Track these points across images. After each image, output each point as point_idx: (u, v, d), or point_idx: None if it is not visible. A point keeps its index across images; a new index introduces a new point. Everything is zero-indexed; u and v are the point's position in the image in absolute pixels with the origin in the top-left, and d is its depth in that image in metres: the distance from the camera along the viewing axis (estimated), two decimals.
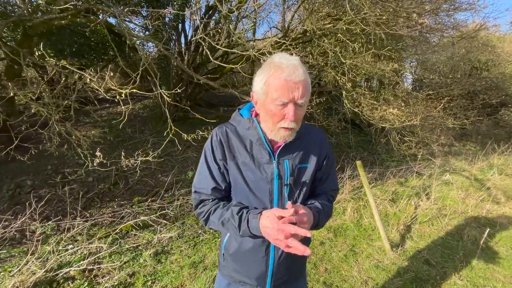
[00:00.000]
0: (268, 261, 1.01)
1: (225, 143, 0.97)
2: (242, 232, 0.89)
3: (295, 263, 1.08)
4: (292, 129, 0.89)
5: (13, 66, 3.46)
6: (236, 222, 0.88)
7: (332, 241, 2.92)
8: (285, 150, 0.97)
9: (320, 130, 1.13)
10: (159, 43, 3.15)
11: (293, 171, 0.97)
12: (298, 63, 0.85)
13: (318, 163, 1.03)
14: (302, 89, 0.84)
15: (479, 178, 4.85)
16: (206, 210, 0.98)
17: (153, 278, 2.28)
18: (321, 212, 0.97)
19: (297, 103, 0.85)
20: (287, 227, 0.77)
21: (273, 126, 0.90)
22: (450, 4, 4.83)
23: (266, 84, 0.87)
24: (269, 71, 0.86)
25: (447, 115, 6.37)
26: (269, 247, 1.00)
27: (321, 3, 4.64)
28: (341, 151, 6.38)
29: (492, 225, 3.29)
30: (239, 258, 1.05)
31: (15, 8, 3.51)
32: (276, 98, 0.84)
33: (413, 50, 6.15)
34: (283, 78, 0.82)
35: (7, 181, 3.61)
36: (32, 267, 2.18)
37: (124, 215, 3.15)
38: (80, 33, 4.27)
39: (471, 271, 2.50)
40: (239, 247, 1.03)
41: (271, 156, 0.96)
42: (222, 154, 0.97)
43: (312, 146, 1.03)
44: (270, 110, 0.87)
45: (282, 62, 0.85)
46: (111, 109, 6.03)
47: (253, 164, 0.95)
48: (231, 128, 1.01)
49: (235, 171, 0.96)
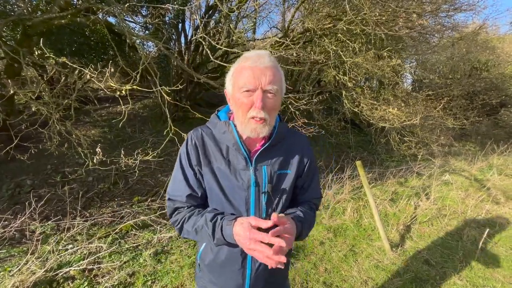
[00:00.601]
0: (245, 273, 0.96)
1: (200, 148, 0.92)
2: (216, 240, 0.83)
3: (274, 276, 1.02)
4: (263, 119, 0.82)
5: (13, 65, 3.45)
6: (210, 229, 0.82)
7: (332, 241, 2.92)
8: (263, 155, 0.91)
9: (303, 135, 1.07)
10: (159, 42, 3.15)
11: (272, 178, 0.91)
12: (265, 53, 0.83)
13: (299, 169, 0.97)
14: (269, 75, 0.81)
15: (479, 178, 4.86)
16: (180, 218, 0.92)
17: (153, 278, 2.27)
18: (304, 222, 0.91)
19: (265, 90, 0.81)
20: (260, 236, 0.71)
21: (243, 117, 0.84)
22: (450, 5, 4.84)
23: (232, 75, 0.86)
24: (237, 63, 0.86)
25: (446, 115, 6.38)
26: (246, 259, 0.95)
27: (321, 3, 4.64)
28: (341, 151, 6.38)
29: (491, 225, 3.30)
30: (214, 269, 1.00)
31: (14, 7, 3.50)
32: (242, 86, 0.81)
33: (413, 51, 6.17)
34: (248, 66, 0.81)
35: (6, 180, 3.60)
36: (32, 266, 2.17)
37: (124, 214, 3.15)
38: (80, 32, 4.26)
39: (470, 271, 2.50)
40: (214, 257, 0.97)
41: (247, 162, 0.90)
42: (197, 159, 0.92)
43: (293, 151, 0.97)
44: (238, 99, 0.83)
45: (249, 53, 0.84)
46: (111, 108, 6.02)
47: (229, 170, 0.90)
48: (207, 132, 0.95)
49: (210, 177, 0.91)
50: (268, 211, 0.92)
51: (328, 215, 3.38)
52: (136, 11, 4.41)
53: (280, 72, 0.86)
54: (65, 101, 3.15)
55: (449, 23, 5.52)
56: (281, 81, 0.86)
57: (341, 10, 4.36)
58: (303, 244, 2.83)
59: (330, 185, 4.00)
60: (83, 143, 3.17)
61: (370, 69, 4.51)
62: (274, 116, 0.88)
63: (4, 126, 3.11)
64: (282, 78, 0.88)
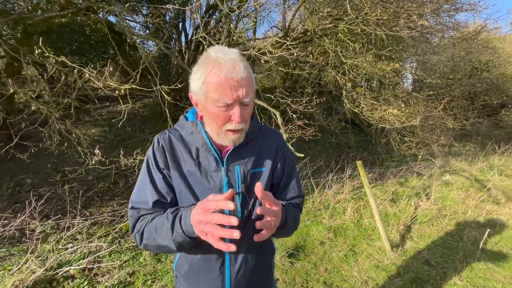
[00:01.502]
0: (224, 280, 0.90)
1: (167, 151, 0.87)
2: (174, 235, 0.73)
3: (257, 280, 0.96)
4: (240, 130, 0.80)
5: (13, 64, 3.45)
6: (170, 222, 0.74)
7: (332, 241, 2.92)
8: (235, 154, 0.87)
9: (277, 132, 1.02)
10: (160, 42, 3.14)
11: (245, 178, 0.87)
12: (237, 57, 0.76)
13: (274, 166, 0.93)
14: (246, 88, 0.75)
15: (479, 179, 4.86)
16: (144, 223, 0.82)
17: (153, 277, 2.27)
18: (289, 209, 0.86)
19: (242, 103, 0.77)
20: (210, 203, 0.65)
21: (219, 129, 0.80)
22: (451, 5, 4.83)
23: (204, 83, 0.77)
24: (206, 68, 0.76)
25: (447, 116, 6.38)
26: (224, 265, 0.89)
27: (321, 3, 4.63)
28: (341, 151, 6.38)
29: (492, 225, 3.30)
30: (191, 279, 0.93)
31: (15, 6, 3.49)
32: (218, 99, 0.74)
33: (414, 51, 6.15)
34: (223, 77, 0.73)
35: (6, 179, 3.60)
36: (32, 265, 2.17)
37: (124, 214, 3.14)
38: (80, 31, 4.26)
39: (471, 272, 2.50)
40: (190, 267, 0.91)
41: (218, 163, 0.86)
42: (164, 162, 0.86)
43: (266, 148, 0.93)
44: (213, 112, 0.78)
45: (219, 57, 0.75)
46: (111, 107, 6.02)
47: (199, 173, 0.85)
48: (174, 134, 0.90)
49: (180, 181, 0.85)
50: (244, 212, 0.87)
51: (329, 215, 3.37)
52: (136, 10, 4.40)
53: (253, 78, 0.81)
54: (65, 100, 3.15)
55: (450, 23, 5.51)
56: (254, 87, 0.82)
57: (342, 10, 4.36)
58: (304, 244, 2.83)
59: (331, 185, 3.99)
60: (83, 142, 3.17)
61: (371, 70, 4.50)
62: (248, 123, 0.86)
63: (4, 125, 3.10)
64: (254, 83, 0.83)
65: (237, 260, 0.89)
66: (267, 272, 1.04)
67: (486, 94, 8.21)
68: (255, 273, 0.94)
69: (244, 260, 0.90)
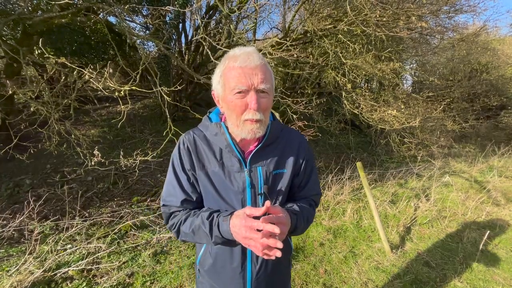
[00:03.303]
0: (245, 276, 0.94)
1: (193, 152, 0.90)
2: (214, 238, 0.81)
3: (276, 279, 1.00)
4: (259, 120, 0.81)
5: (12, 64, 3.45)
6: (207, 228, 0.81)
7: (331, 242, 2.91)
8: (257, 155, 0.89)
9: (298, 132, 1.04)
10: (160, 42, 3.14)
11: (267, 179, 0.89)
12: (252, 50, 0.81)
13: (295, 168, 0.95)
14: (261, 74, 0.78)
15: (479, 180, 4.85)
16: (177, 221, 0.90)
17: (152, 279, 2.26)
18: (299, 216, 0.89)
19: (258, 90, 0.79)
20: (254, 222, 0.71)
21: (237, 120, 0.82)
22: (450, 6, 4.84)
23: (222, 76, 0.83)
24: (224, 63, 0.83)
25: (447, 117, 6.38)
26: (245, 262, 0.93)
27: (321, 4, 4.64)
28: (341, 152, 6.38)
29: (492, 227, 3.29)
30: (215, 274, 0.98)
31: (15, 6, 3.49)
32: (233, 87, 0.78)
33: (413, 52, 6.16)
34: (238, 66, 0.78)
35: (5, 179, 3.59)
36: (30, 266, 2.16)
37: (123, 214, 3.14)
38: (80, 32, 4.25)
39: (471, 273, 2.49)
40: (214, 262, 0.96)
41: (241, 164, 0.88)
42: (190, 163, 0.90)
43: (288, 149, 0.95)
44: (231, 102, 0.80)
45: (235, 52, 0.82)
46: (110, 108, 6.02)
47: (223, 173, 0.88)
48: (199, 134, 0.93)
49: (205, 181, 0.89)
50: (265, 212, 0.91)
51: (328, 216, 3.37)
52: (136, 11, 4.41)
53: (270, 69, 0.85)
54: (65, 101, 3.14)
55: (449, 25, 5.53)
56: (272, 79, 0.85)
57: (342, 11, 4.36)
58: (303, 245, 2.82)
59: (330, 186, 3.99)
60: (83, 143, 3.16)
61: (370, 71, 4.50)
62: (268, 115, 0.87)
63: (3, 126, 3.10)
64: (272, 75, 0.87)
65: (258, 258, 0.94)
66: (285, 269, 1.08)
67: (486, 96, 8.21)
68: (275, 270, 0.98)
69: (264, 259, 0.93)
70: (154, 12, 3.37)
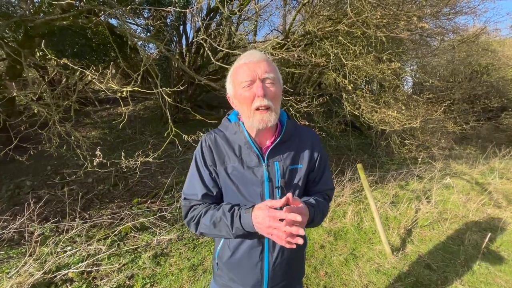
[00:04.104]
0: (263, 266, 0.98)
1: (214, 149, 0.97)
2: (235, 230, 0.85)
3: (292, 268, 1.04)
4: (268, 108, 0.86)
5: (14, 66, 3.46)
6: (229, 220, 0.86)
7: (332, 244, 2.90)
8: (274, 151, 0.95)
9: (312, 130, 1.11)
10: (161, 44, 3.15)
11: (284, 173, 0.95)
12: (256, 51, 0.91)
13: (310, 163, 1.01)
14: (264, 65, 0.86)
15: (480, 182, 4.84)
16: (197, 213, 0.95)
17: (152, 281, 2.25)
18: (316, 208, 0.95)
19: (263, 79, 0.86)
20: (278, 212, 0.75)
21: (249, 111, 0.88)
22: (451, 8, 4.85)
23: (231, 76, 0.93)
24: (233, 67, 0.93)
25: (447, 119, 6.37)
26: (263, 252, 0.97)
27: (322, 6, 4.65)
28: (341, 153, 6.37)
29: (493, 229, 3.27)
30: (233, 266, 1.01)
31: (17, 8, 3.51)
32: (241, 81, 0.87)
33: (414, 54, 6.17)
34: (242, 62, 0.88)
35: (6, 181, 3.60)
36: (30, 268, 2.16)
37: (123, 216, 3.13)
38: (81, 34, 4.27)
39: (472, 276, 2.47)
40: (232, 254, 1.00)
41: (260, 159, 0.94)
42: (211, 159, 0.97)
43: (303, 146, 1.01)
44: (240, 95, 0.88)
45: (241, 55, 0.92)
46: (111, 110, 6.03)
47: (242, 168, 0.94)
48: (219, 134, 1.00)
49: (225, 176, 0.95)
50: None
51: (329, 218, 3.36)
52: (137, 13, 4.42)
53: (274, 64, 0.91)
54: (66, 103, 3.15)
55: (449, 26, 5.53)
56: (276, 71, 0.91)
57: (342, 13, 4.37)
58: None
59: None
60: (83, 144, 3.17)
61: (371, 72, 4.51)
62: (278, 104, 0.92)
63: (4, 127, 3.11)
64: (277, 70, 0.93)
65: (275, 249, 0.98)
66: (300, 261, 1.12)
67: (487, 98, 8.20)
68: (290, 261, 1.02)
69: (281, 249, 0.98)
70: (155, 14, 3.39)
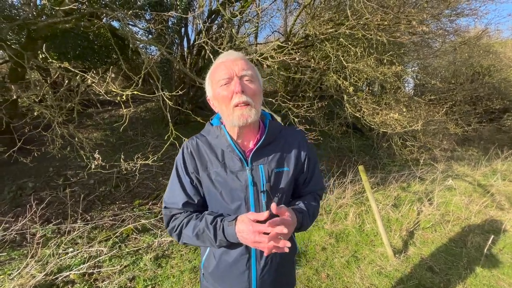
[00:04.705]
0: (250, 275, 0.95)
1: (196, 155, 0.93)
2: (219, 242, 0.84)
3: (281, 276, 1.01)
4: (246, 104, 0.82)
5: (17, 69, 3.49)
6: (211, 233, 0.83)
7: (334, 246, 2.89)
8: (258, 154, 0.91)
9: (299, 130, 1.06)
10: (162, 47, 3.17)
11: (269, 177, 0.91)
12: (233, 51, 0.90)
13: (297, 166, 0.97)
14: (241, 63, 0.85)
15: (483, 184, 4.81)
16: (178, 223, 0.91)
17: (153, 283, 2.25)
18: (305, 214, 0.93)
19: (241, 76, 0.84)
20: (262, 227, 0.74)
21: (228, 109, 0.85)
22: (452, 10, 4.85)
23: (209, 76, 0.91)
24: (210, 69, 0.92)
25: (449, 120, 6.35)
26: (250, 260, 0.94)
27: (323, 8, 4.67)
28: (343, 155, 6.36)
29: (496, 231, 3.25)
30: (219, 276, 0.99)
31: (20, 11, 3.54)
32: (218, 80, 0.85)
33: (415, 55, 6.16)
34: (219, 61, 0.88)
35: (8, 182, 3.61)
36: (32, 270, 2.17)
37: (124, 218, 3.14)
38: (83, 36, 4.31)
39: (475, 279, 2.46)
40: (218, 263, 0.97)
41: (243, 162, 0.90)
42: (193, 166, 0.93)
43: (289, 148, 0.97)
44: (219, 94, 0.86)
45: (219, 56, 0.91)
46: (113, 111, 6.06)
47: (225, 173, 0.90)
48: (201, 139, 0.97)
49: (208, 182, 0.91)
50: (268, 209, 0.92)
51: (330, 220, 3.35)
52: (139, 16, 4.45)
53: (251, 63, 0.89)
54: (68, 104, 3.17)
55: (451, 28, 5.53)
56: (254, 69, 0.89)
57: (343, 15, 4.38)
58: (305, 249, 2.81)
59: (332, 189, 3.97)
60: (85, 146, 3.18)
61: (372, 74, 4.50)
62: (258, 102, 0.88)
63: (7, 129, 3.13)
64: (255, 68, 0.90)
65: (262, 257, 0.95)
66: (290, 268, 1.09)
67: (489, 99, 8.17)
68: (280, 269, 0.99)
69: (269, 257, 0.95)
70: (156, 17, 3.41)
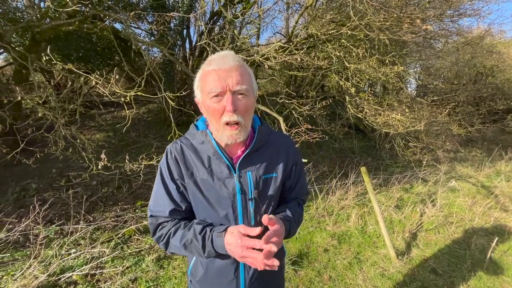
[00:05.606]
0: (238, 284, 0.93)
1: (180, 161, 0.88)
2: (207, 253, 0.81)
3: (270, 283, 1.00)
4: (237, 123, 0.78)
5: (21, 71, 3.52)
6: (200, 243, 0.80)
7: (336, 248, 2.88)
8: (246, 160, 0.88)
9: (287, 136, 1.04)
10: (164, 48, 3.19)
11: (258, 184, 0.88)
12: (228, 53, 0.80)
13: (285, 171, 0.95)
14: (236, 75, 0.76)
15: (486, 185, 4.77)
16: (165, 232, 0.87)
17: (155, 284, 2.26)
18: (292, 222, 0.91)
19: (235, 91, 0.77)
20: (251, 242, 0.71)
21: (217, 124, 0.80)
22: (454, 10, 4.83)
23: (199, 81, 0.83)
24: (201, 69, 0.83)
25: (452, 121, 6.31)
26: (238, 269, 0.92)
27: (324, 9, 4.67)
28: (345, 156, 6.34)
29: (500, 233, 3.22)
30: (207, 284, 0.96)
31: (24, 14, 3.58)
32: (209, 91, 0.77)
33: (417, 56, 6.15)
34: (212, 69, 0.77)
35: (12, 184, 3.64)
36: (35, 271, 2.18)
37: (127, 219, 3.15)
38: (87, 38, 4.34)
39: (479, 281, 2.43)
40: (205, 272, 0.95)
41: (230, 170, 0.86)
42: (178, 173, 0.88)
43: (278, 154, 0.94)
44: (208, 106, 0.79)
45: (212, 56, 0.81)
46: (115, 113, 6.09)
47: (212, 180, 0.86)
48: (186, 143, 0.91)
49: (194, 189, 0.87)
50: (256, 217, 0.90)
51: (332, 222, 3.34)
52: (142, 18, 4.48)
53: (248, 70, 0.83)
54: (71, 106, 3.19)
55: (453, 28, 5.51)
56: (250, 80, 0.82)
57: (345, 16, 4.38)
58: (307, 251, 2.80)
59: (334, 191, 3.96)
60: (88, 147, 3.20)
61: (374, 75, 4.50)
62: (249, 118, 0.84)
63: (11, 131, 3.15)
64: (252, 76, 0.84)
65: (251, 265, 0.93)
66: (279, 274, 1.07)
67: (492, 100, 8.11)
68: (269, 276, 0.96)
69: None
70: (159, 19, 3.43)
